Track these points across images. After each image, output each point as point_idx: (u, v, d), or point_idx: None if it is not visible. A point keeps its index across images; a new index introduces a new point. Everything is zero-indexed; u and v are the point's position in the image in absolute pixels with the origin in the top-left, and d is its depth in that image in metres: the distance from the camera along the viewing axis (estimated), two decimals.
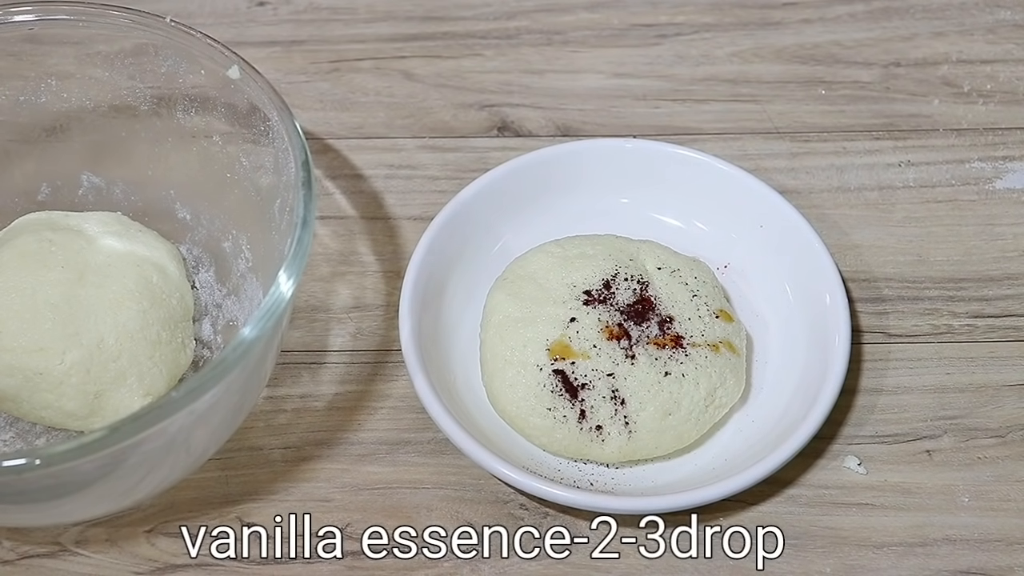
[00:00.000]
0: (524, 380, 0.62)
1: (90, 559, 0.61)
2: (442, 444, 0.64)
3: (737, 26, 0.81)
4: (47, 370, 0.61)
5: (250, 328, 0.54)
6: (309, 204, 0.57)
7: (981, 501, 0.62)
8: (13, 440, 0.63)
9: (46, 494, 0.55)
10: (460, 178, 0.73)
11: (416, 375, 0.62)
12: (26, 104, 0.67)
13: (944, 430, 0.65)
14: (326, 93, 0.79)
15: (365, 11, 0.82)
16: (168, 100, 0.66)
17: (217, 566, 0.61)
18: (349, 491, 0.63)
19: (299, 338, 0.68)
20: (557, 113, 0.77)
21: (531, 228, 0.69)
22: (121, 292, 0.63)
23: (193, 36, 0.63)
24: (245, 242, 0.67)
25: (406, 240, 0.72)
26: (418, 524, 0.62)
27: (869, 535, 0.61)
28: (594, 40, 0.81)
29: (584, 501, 0.59)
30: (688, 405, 0.62)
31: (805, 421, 0.60)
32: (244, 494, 0.63)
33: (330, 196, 0.74)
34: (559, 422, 0.62)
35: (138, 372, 0.62)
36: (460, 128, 0.77)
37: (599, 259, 0.66)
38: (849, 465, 0.63)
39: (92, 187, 0.69)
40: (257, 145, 0.63)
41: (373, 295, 0.70)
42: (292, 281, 0.55)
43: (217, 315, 0.67)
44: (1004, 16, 0.82)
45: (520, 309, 0.64)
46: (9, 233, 0.66)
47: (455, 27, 0.81)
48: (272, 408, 0.66)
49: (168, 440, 0.55)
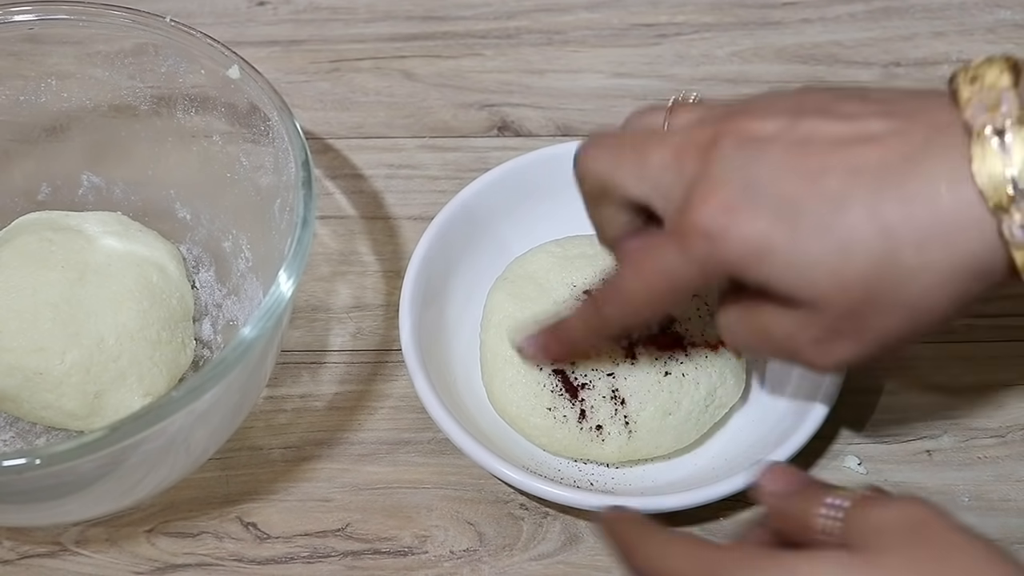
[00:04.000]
0: (524, 380, 0.62)
1: (90, 559, 0.61)
2: (442, 444, 0.64)
3: (737, 26, 0.81)
4: (47, 370, 0.61)
5: (250, 328, 0.54)
6: (309, 204, 0.57)
7: (981, 501, 0.62)
8: (13, 440, 0.63)
9: (46, 494, 0.55)
10: (460, 178, 0.72)
11: (416, 375, 0.62)
12: (26, 104, 0.67)
13: (944, 430, 0.65)
14: (326, 93, 0.79)
15: (365, 11, 0.82)
16: (168, 100, 0.66)
17: (217, 566, 0.61)
18: (349, 491, 0.63)
19: (299, 338, 0.68)
20: (557, 113, 0.77)
21: (531, 228, 0.69)
22: (121, 292, 0.63)
23: (193, 36, 0.63)
24: (245, 242, 0.67)
25: (406, 240, 0.72)
26: (418, 524, 0.62)
27: None
28: (594, 40, 0.81)
29: (584, 501, 0.59)
30: (688, 405, 0.62)
31: (805, 421, 0.60)
32: (244, 494, 0.63)
33: (330, 196, 0.74)
34: (559, 422, 0.62)
35: (138, 372, 0.62)
36: (460, 128, 0.77)
37: (599, 259, 0.66)
38: (849, 465, 0.63)
39: (92, 187, 0.69)
40: (257, 145, 0.63)
41: (373, 295, 0.70)
42: (292, 281, 0.55)
43: (217, 315, 0.67)
44: (1004, 16, 0.82)
45: (521, 309, 0.64)
46: (9, 233, 0.66)
47: (455, 27, 0.81)
48: (272, 408, 0.66)
49: (168, 440, 0.55)
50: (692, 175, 0.50)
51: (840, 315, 0.48)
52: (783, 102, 0.51)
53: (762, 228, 0.47)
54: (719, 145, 0.49)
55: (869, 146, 0.47)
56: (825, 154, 0.47)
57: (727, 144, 0.49)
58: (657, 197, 0.51)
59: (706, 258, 0.49)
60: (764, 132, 0.49)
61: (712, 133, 0.50)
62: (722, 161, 0.49)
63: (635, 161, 0.52)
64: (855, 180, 0.47)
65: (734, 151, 0.49)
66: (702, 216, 0.48)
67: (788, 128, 0.49)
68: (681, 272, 0.50)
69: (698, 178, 0.49)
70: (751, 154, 0.48)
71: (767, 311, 0.50)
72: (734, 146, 0.49)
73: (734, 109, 0.51)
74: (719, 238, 0.48)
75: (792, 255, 0.47)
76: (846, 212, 0.46)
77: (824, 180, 0.47)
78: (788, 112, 0.49)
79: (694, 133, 0.51)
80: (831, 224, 0.46)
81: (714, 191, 0.48)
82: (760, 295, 0.50)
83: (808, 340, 0.50)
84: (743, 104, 0.52)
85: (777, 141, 0.48)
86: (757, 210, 0.48)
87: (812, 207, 0.47)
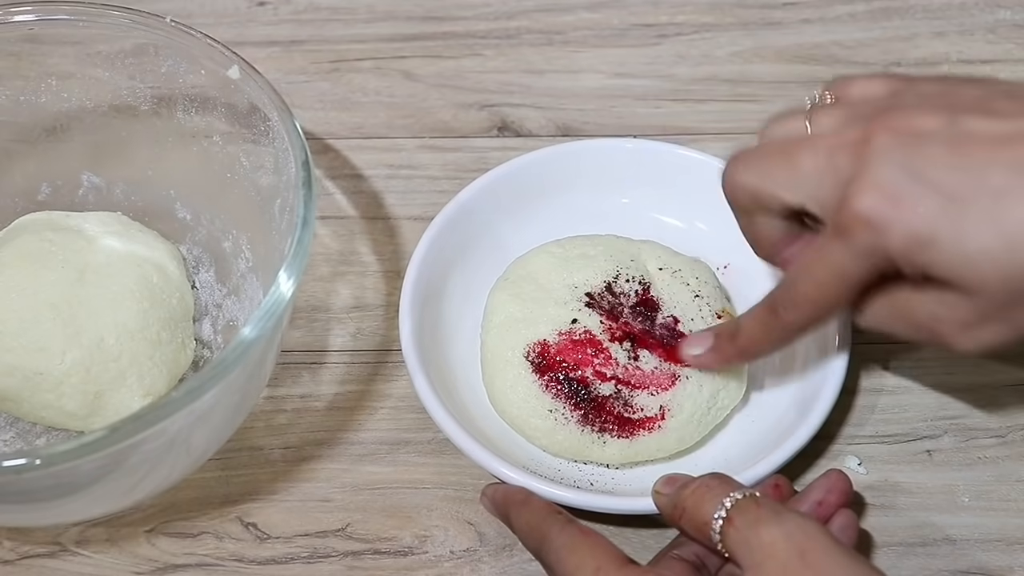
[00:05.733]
0: (525, 381, 0.62)
1: (90, 559, 0.61)
2: (442, 444, 0.64)
3: (737, 26, 0.81)
4: (47, 370, 0.61)
5: (250, 328, 0.54)
6: (309, 204, 0.57)
7: (981, 501, 0.62)
8: (13, 440, 0.63)
9: (46, 494, 0.55)
10: (460, 178, 0.72)
11: (416, 375, 0.62)
12: (26, 104, 0.67)
13: (944, 430, 0.65)
14: (326, 93, 0.79)
15: (365, 11, 0.82)
16: (168, 100, 0.66)
17: (217, 566, 0.61)
18: (349, 491, 0.63)
19: (299, 338, 0.68)
20: (557, 113, 0.77)
21: (531, 228, 0.69)
22: (121, 292, 0.63)
23: (193, 36, 0.63)
24: (245, 242, 0.67)
25: (406, 240, 0.72)
26: (418, 524, 0.62)
27: (869, 535, 0.61)
28: (594, 40, 0.81)
29: (584, 501, 0.59)
30: (691, 408, 0.62)
31: (805, 421, 0.60)
32: (244, 494, 0.63)
33: (330, 196, 0.74)
34: (560, 424, 0.62)
35: (138, 372, 0.62)
36: (460, 128, 0.77)
37: (600, 260, 0.66)
38: (849, 465, 0.63)
39: (92, 187, 0.69)
40: (257, 145, 0.63)
41: (373, 295, 0.70)
42: (292, 281, 0.55)
43: (217, 315, 0.67)
44: (1004, 16, 0.82)
45: (522, 310, 0.64)
46: (9, 233, 0.66)
47: (455, 27, 0.81)
48: (272, 408, 0.66)
49: (168, 440, 0.55)
50: (849, 173, 0.51)
51: (995, 302, 0.50)
52: (935, 98, 0.52)
53: (927, 216, 0.49)
54: (875, 142, 0.51)
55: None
56: (989, 150, 0.49)
57: (884, 140, 0.50)
58: (814, 201, 0.53)
59: (871, 248, 0.50)
60: (923, 127, 0.50)
61: (865, 131, 0.51)
62: (881, 156, 0.50)
63: (786, 168, 0.54)
64: (1019, 174, 0.48)
65: (892, 146, 0.50)
66: (864, 206, 0.50)
67: (948, 124, 0.50)
68: (850, 266, 0.52)
69: (856, 174, 0.50)
70: (911, 148, 0.50)
71: (917, 297, 0.52)
72: (892, 141, 0.50)
73: (883, 106, 0.53)
74: (883, 226, 0.50)
75: (958, 244, 0.49)
76: (1013, 204, 0.48)
77: (989, 174, 0.48)
78: (945, 109, 0.51)
79: (845, 132, 0.52)
80: (997, 216, 0.48)
81: (874, 182, 0.50)
82: (912, 282, 0.52)
83: (956, 323, 0.51)
84: (890, 101, 0.53)
85: (937, 136, 0.50)
86: (920, 198, 0.49)
87: (978, 199, 0.48)
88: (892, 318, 0.54)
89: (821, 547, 0.48)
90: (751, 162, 0.55)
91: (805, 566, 0.48)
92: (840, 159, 0.52)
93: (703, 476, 0.54)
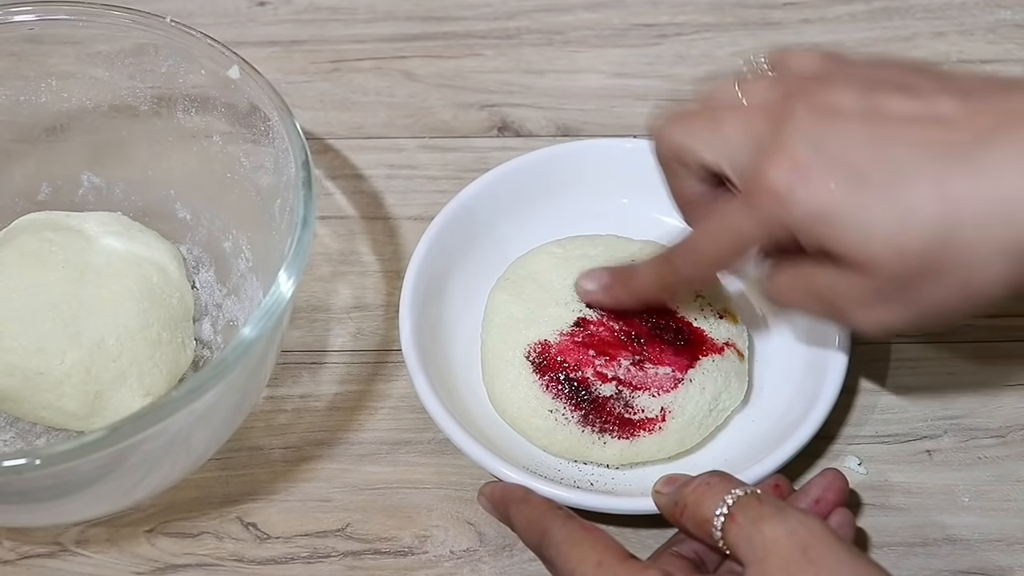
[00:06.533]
0: (526, 381, 0.62)
1: (90, 559, 0.61)
2: (442, 444, 0.64)
3: (737, 26, 0.81)
4: (47, 370, 0.61)
5: (250, 328, 0.54)
6: (309, 204, 0.57)
7: (981, 501, 0.62)
8: (13, 440, 0.63)
9: (46, 494, 0.55)
10: (460, 178, 0.72)
11: (416, 375, 0.62)
12: (26, 104, 0.67)
13: (944, 430, 0.65)
14: (326, 93, 0.79)
15: (365, 11, 0.82)
16: (168, 100, 0.66)
17: (217, 566, 0.61)
18: (349, 491, 0.63)
19: (299, 338, 0.68)
20: (557, 113, 0.77)
21: (531, 228, 0.69)
22: (121, 292, 0.63)
23: (193, 36, 0.63)
24: (245, 242, 0.67)
25: (406, 240, 0.72)
26: (418, 524, 0.62)
27: (869, 535, 0.61)
28: (594, 40, 0.81)
29: (584, 501, 0.59)
30: (692, 409, 0.62)
31: (805, 421, 0.60)
32: (244, 494, 0.63)
33: (330, 196, 0.74)
34: (561, 424, 0.62)
35: (138, 372, 0.62)
36: (460, 128, 0.77)
37: (601, 260, 0.66)
38: (849, 465, 0.63)
39: (92, 187, 0.69)
40: (257, 145, 0.63)
41: (373, 295, 0.70)
42: (292, 281, 0.55)
43: (217, 315, 0.67)
44: (1004, 16, 0.82)
45: (522, 310, 0.64)
46: (9, 233, 0.66)
47: (455, 27, 0.81)
48: (272, 408, 0.66)
49: (168, 440, 0.55)
50: (764, 140, 0.52)
51: (891, 280, 0.50)
52: (858, 73, 0.53)
53: (828, 191, 0.50)
54: (792, 113, 0.51)
55: (940, 123, 0.49)
56: (896, 127, 0.50)
57: (800, 112, 0.51)
58: (730, 164, 0.54)
59: (771, 217, 0.51)
60: (840, 104, 0.51)
61: (786, 103, 0.52)
62: (794, 127, 0.51)
63: (710, 129, 0.55)
64: (923, 153, 0.49)
65: (807, 119, 0.51)
66: (770, 176, 0.51)
67: (862, 100, 0.51)
68: (747, 230, 0.53)
69: (770, 143, 0.51)
70: (823, 123, 0.51)
71: (818, 272, 0.53)
72: (807, 114, 0.51)
73: (808, 79, 0.53)
74: (786, 198, 0.50)
75: (853, 218, 0.49)
76: (911, 182, 0.48)
77: (893, 151, 0.49)
78: (863, 85, 0.51)
79: (768, 101, 0.53)
80: (895, 192, 0.49)
81: (784, 154, 0.51)
82: (813, 256, 0.52)
83: (855, 301, 0.52)
84: (817, 74, 0.54)
85: (850, 112, 0.51)
86: (825, 174, 0.50)
87: (878, 175, 0.49)
88: (798, 292, 0.55)
89: (823, 543, 0.48)
90: (680, 121, 0.57)
91: (808, 562, 0.48)
92: (758, 127, 0.53)
93: (704, 474, 0.54)
